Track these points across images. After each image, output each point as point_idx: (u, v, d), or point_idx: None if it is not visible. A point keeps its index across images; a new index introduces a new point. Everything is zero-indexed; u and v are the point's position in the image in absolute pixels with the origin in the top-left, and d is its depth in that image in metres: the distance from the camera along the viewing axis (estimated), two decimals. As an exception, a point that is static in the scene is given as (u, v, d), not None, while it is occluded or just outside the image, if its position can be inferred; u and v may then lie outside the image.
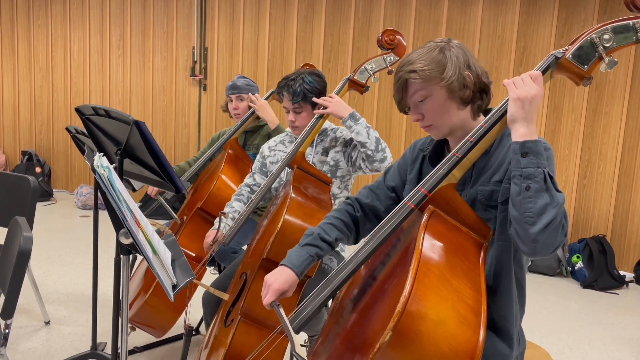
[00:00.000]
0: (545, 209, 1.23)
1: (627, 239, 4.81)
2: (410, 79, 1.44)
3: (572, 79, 1.37)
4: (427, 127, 1.50)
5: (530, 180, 1.24)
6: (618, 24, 1.30)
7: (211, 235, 2.39)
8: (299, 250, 1.61)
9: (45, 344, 3.00)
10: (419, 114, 1.49)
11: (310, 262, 1.60)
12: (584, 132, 4.84)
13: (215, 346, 2.10)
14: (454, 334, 1.09)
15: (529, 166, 1.25)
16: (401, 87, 1.47)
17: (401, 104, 1.51)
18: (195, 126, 6.25)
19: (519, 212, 1.25)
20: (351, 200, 1.75)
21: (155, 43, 6.29)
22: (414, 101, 1.48)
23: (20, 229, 2.02)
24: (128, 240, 1.47)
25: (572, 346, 3.36)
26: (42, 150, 7.01)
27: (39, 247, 4.69)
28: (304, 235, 1.66)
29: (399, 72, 1.47)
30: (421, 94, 1.45)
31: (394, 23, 5.30)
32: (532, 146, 1.26)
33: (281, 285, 1.51)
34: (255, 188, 2.59)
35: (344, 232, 1.68)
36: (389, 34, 2.35)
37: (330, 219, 1.69)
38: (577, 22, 4.75)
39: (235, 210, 2.51)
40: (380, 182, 1.74)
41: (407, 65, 1.45)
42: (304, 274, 1.58)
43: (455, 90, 1.44)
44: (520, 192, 1.25)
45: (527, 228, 1.24)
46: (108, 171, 1.32)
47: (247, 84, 3.10)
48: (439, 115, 1.47)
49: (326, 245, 1.63)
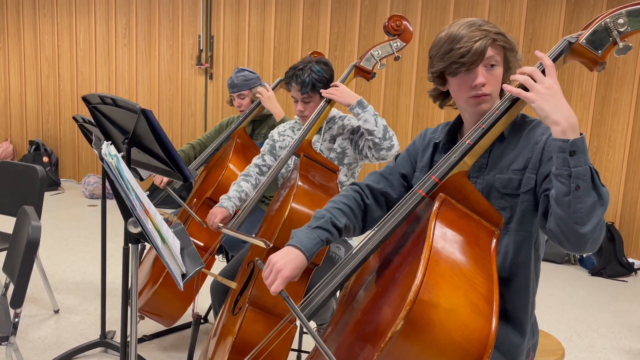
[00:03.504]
0: (595, 208, 1.20)
1: (635, 227, 4.78)
2: (498, 40, 1.39)
3: (586, 64, 1.34)
4: (484, 95, 1.41)
5: (580, 179, 1.19)
6: (633, 7, 1.28)
7: (218, 215, 2.34)
8: (310, 232, 1.49)
9: (54, 332, 3.02)
10: (484, 79, 1.40)
11: (321, 246, 1.49)
12: (593, 118, 4.79)
13: (224, 334, 2.10)
14: (466, 322, 1.08)
15: (578, 165, 1.20)
16: (485, 45, 1.37)
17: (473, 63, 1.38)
18: (201, 115, 6.24)
19: (567, 212, 1.21)
20: (360, 186, 1.65)
21: (161, 32, 6.26)
22: (486, 63, 1.40)
23: (29, 218, 2.02)
24: (137, 229, 1.46)
25: (580, 333, 3.35)
26: (49, 139, 7.02)
27: (47, 237, 4.71)
28: (313, 217, 1.55)
29: (477, 30, 1.38)
30: (496, 59, 1.41)
31: (400, 9, 5.25)
32: (580, 144, 1.20)
33: (291, 272, 1.39)
34: (264, 169, 2.53)
35: (351, 219, 1.58)
36: (396, 19, 2.32)
37: (339, 204, 1.58)
38: (586, 7, 4.69)
39: (242, 190, 2.45)
40: (392, 167, 1.67)
41: (485, 26, 1.39)
42: (312, 258, 1.47)
43: (508, 69, 1.44)
44: (570, 192, 1.20)
45: (576, 228, 1.21)
46: (116, 160, 1.31)
47: (244, 80, 3.05)
48: (498, 87, 1.43)
49: (336, 232, 1.53)
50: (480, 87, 1.40)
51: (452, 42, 1.39)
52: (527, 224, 1.40)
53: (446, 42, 1.40)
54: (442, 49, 1.41)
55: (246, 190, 2.46)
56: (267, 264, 1.41)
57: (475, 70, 1.39)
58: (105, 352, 2.82)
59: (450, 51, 1.39)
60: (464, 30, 1.38)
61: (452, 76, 1.43)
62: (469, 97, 1.42)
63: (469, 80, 1.40)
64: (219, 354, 2.06)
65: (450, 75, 1.43)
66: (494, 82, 1.41)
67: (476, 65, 1.38)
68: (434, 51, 1.45)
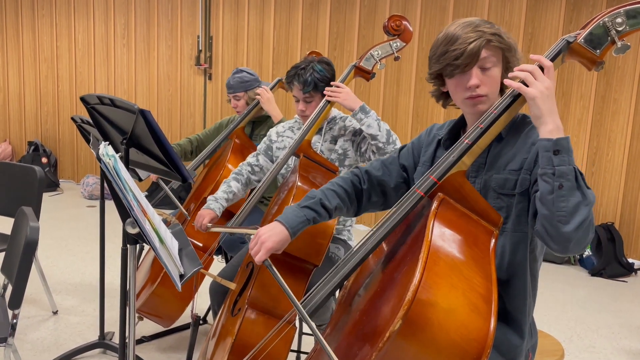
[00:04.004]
0: (578, 207, 1.21)
1: (635, 227, 4.77)
2: (493, 41, 1.39)
3: (584, 63, 1.34)
4: (480, 96, 1.41)
5: (563, 178, 1.21)
6: (631, 7, 1.27)
7: (206, 216, 2.32)
8: (298, 210, 1.57)
9: (53, 333, 3.01)
10: (479, 80, 1.40)
11: (306, 225, 1.57)
12: (593, 118, 4.79)
13: (223, 335, 2.10)
14: (464, 322, 1.08)
15: (561, 164, 1.22)
16: (479, 47, 1.37)
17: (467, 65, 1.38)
18: (200, 115, 6.23)
19: (551, 210, 1.22)
20: (360, 170, 1.71)
21: (160, 32, 6.26)
22: (481, 65, 1.40)
23: (27, 219, 2.02)
24: (135, 229, 1.46)
25: (580, 334, 3.35)
26: (48, 140, 7.02)
27: (46, 238, 4.70)
28: (305, 196, 1.62)
29: (472, 31, 1.37)
30: (492, 60, 1.40)
31: (400, 9, 5.25)
32: (564, 143, 1.22)
33: (274, 244, 1.50)
34: (256, 169, 2.52)
35: (345, 201, 1.65)
36: (395, 19, 2.32)
37: (334, 186, 1.66)
38: (585, 6, 4.69)
39: (231, 190, 2.43)
40: (394, 158, 1.70)
41: (481, 27, 1.38)
42: (297, 235, 1.56)
43: (508, 68, 1.43)
44: (553, 191, 1.22)
45: (559, 227, 1.22)
46: (114, 160, 1.31)
47: (240, 82, 3.04)
48: (495, 88, 1.43)
49: (325, 212, 1.60)
50: (474, 88, 1.40)
51: (448, 43, 1.40)
52: (523, 225, 1.40)
53: (442, 44, 1.41)
54: (439, 51, 1.42)
55: (235, 190, 2.44)
56: (255, 235, 1.54)
57: (470, 72, 1.39)
58: (104, 353, 2.81)
59: (446, 53, 1.40)
60: (459, 31, 1.39)
61: (449, 78, 1.44)
62: (464, 98, 1.43)
63: (464, 81, 1.41)
64: (218, 355, 2.05)
65: (447, 77, 1.45)
66: (489, 83, 1.41)
67: (470, 67, 1.39)
68: (432, 52, 1.46)
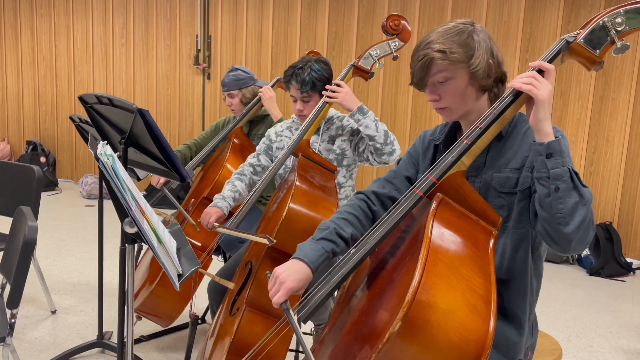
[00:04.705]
0: (577, 208, 1.22)
1: (634, 226, 4.78)
2: (437, 59, 1.38)
3: (584, 63, 1.34)
4: (442, 109, 1.45)
5: (558, 180, 1.23)
6: (631, 7, 1.28)
7: (213, 214, 2.32)
8: (314, 244, 1.47)
9: (51, 333, 3.01)
10: (437, 94, 1.43)
11: (326, 258, 1.47)
12: (591, 118, 4.79)
13: (221, 335, 2.09)
14: (464, 323, 1.08)
15: (555, 167, 1.23)
16: (424, 66, 1.40)
17: (421, 83, 1.44)
18: (199, 115, 6.23)
19: (550, 213, 1.24)
20: (365, 194, 1.63)
21: (159, 32, 6.25)
22: (433, 81, 1.42)
23: (25, 218, 2.01)
24: (133, 229, 1.46)
25: (578, 333, 3.35)
26: (47, 140, 7.01)
27: (44, 237, 4.70)
28: (317, 229, 1.53)
29: (422, 49, 1.40)
30: (444, 75, 1.40)
31: (398, 8, 5.25)
32: (556, 146, 1.24)
33: (295, 284, 1.37)
34: (258, 169, 2.51)
35: (358, 228, 1.56)
36: (394, 19, 2.32)
37: (343, 214, 1.56)
38: (584, 7, 4.69)
39: (237, 190, 2.43)
40: (395, 171, 1.66)
41: (433, 43, 1.39)
42: (318, 270, 1.45)
43: (478, 78, 1.40)
44: (550, 194, 1.23)
45: (560, 229, 1.23)
46: (112, 159, 1.30)
47: (234, 80, 3.03)
48: (457, 99, 1.43)
49: (342, 242, 1.51)
50: (434, 102, 1.45)
51: (411, 58, 1.46)
52: (525, 222, 1.40)
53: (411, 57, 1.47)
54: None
55: (240, 190, 2.44)
56: (272, 275, 1.41)
57: (426, 88, 1.45)
58: (103, 353, 2.81)
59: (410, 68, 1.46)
60: (417, 47, 1.44)
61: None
62: (434, 108, 1.48)
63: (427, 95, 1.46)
64: (217, 354, 2.05)
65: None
66: (449, 95, 1.43)
67: (423, 85, 1.44)
68: None
